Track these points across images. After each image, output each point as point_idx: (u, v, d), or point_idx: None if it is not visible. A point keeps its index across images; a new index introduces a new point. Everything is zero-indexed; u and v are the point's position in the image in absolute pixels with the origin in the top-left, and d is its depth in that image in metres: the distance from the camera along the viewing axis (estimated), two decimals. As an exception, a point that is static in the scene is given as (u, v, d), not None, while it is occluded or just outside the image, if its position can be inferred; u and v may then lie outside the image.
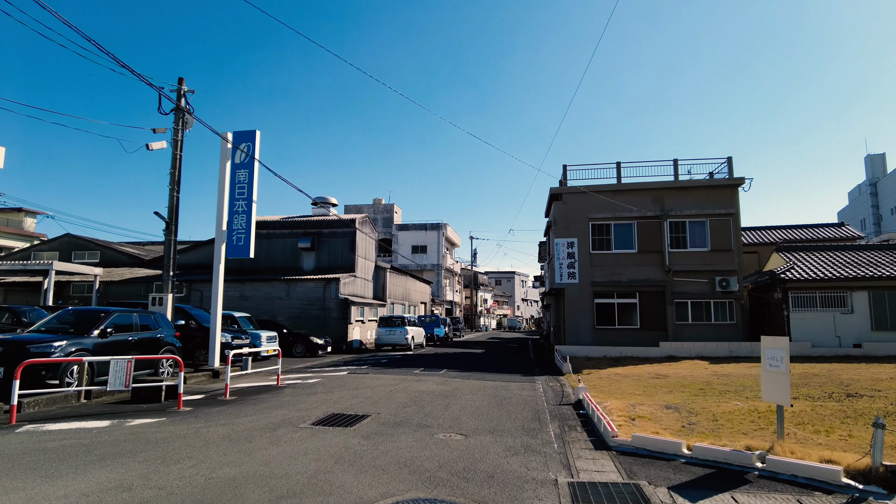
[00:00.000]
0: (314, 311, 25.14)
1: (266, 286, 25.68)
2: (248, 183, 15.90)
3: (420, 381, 13.40)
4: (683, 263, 22.29)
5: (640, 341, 21.76)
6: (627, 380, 13.89)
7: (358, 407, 9.47)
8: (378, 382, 13.12)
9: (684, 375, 14.68)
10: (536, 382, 13.80)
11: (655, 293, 22.43)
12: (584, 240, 23.04)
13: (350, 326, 24.92)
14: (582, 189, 23.34)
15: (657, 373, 15.37)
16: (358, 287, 27.62)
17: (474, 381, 13.64)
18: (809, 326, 20.54)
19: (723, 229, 22.36)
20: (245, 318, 20.39)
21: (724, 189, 22.66)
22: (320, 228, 27.82)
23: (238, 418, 8.33)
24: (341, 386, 12.39)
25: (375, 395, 11.01)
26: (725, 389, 11.79)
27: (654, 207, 22.80)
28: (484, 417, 8.68)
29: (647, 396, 10.98)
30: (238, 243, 15.89)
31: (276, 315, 25.23)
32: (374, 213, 59.10)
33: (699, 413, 8.81)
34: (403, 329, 24.71)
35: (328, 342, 22.47)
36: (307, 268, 27.55)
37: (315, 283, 25.27)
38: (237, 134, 16.12)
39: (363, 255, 28.66)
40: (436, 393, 11.39)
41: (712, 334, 21.59)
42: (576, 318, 22.69)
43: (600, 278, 22.73)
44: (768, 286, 21.90)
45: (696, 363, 18.15)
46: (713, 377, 14.15)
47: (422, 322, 31.04)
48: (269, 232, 28.30)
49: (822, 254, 22.95)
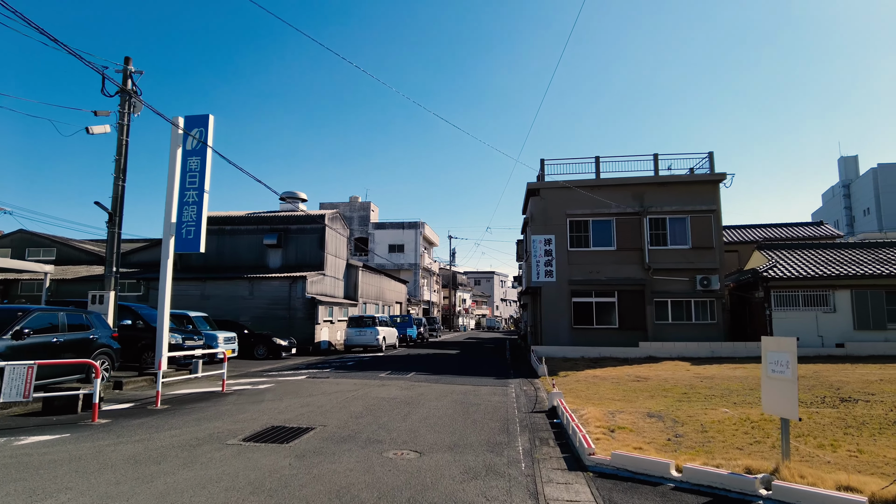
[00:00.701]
0: (279, 311, 23.87)
1: (229, 285, 24.34)
2: (200, 171, 14.65)
3: (383, 387, 12.32)
4: (664, 261, 21.56)
5: (620, 341, 20.95)
6: (606, 383, 13.00)
7: (305, 418, 8.36)
8: (336, 388, 12.01)
9: (666, 378, 13.84)
10: (509, 386, 12.82)
11: (635, 292, 21.66)
12: (562, 237, 22.18)
13: (317, 327, 23.70)
14: (560, 184, 22.48)
15: (637, 375, 14.51)
16: (327, 286, 26.41)
17: (442, 386, 12.61)
18: (792, 326, 19.93)
19: (704, 226, 21.69)
20: (201, 317, 19.09)
21: (706, 185, 22.00)
22: (288, 224, 26.54)
23: (158, 433, 7.17)
24: (294, 392, 11.25)
25: (329, 402, 9.91)
26: (710, 394, 10.94)
27: (633, 203, 22.04)
28: (446, 429, 7.65)
29: (627, 402, 10.06)
30: (188, 237, 14.62)
31: (240, 315, 23.91)
32: (349, 210, 57.79)
33: (685, 422, 7.90)
34: (374, 329, 23.58)
35: (293, 343, 21.25)
36: (273, 266, 26.26)
37: (280, 281, 24.00)
38: (189, 119, 14.86)
39: (333, 253, 27.45)
40: (397, 400, 10.33)
41: (693, 334, 20.88)
42: (553, 317, 21.82)
43: (578, 276, 21.89)
44: (750, 285, 21.28)
45: (678, 364, 17.37)
46: (696, 380, 13.32)
47: (394, 322, 29.91)
48: (233, 228, 26.94)
49: (804, 252, 22.42)
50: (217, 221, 27.14)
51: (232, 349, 18.73)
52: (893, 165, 68.59)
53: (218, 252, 26.85)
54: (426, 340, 34.73)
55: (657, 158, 22.50)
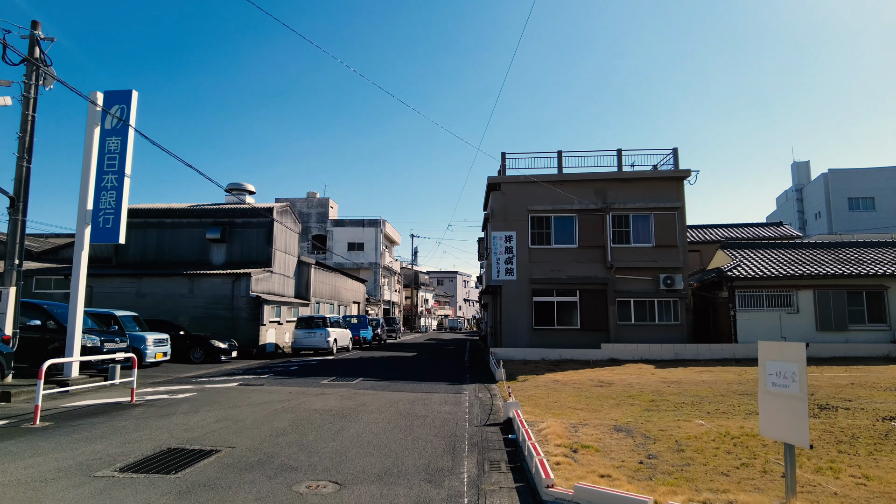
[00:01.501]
0: (221, 310, 22.15)
1: (166, 282, 22.47)
2: (121, 153, 13.02)
3: (322, 395, 11.00)
4: (627, 259, 20.83)
5: (581, 343, 20.12)
6: (568, 389, 11.99)
7: (214, 436, 7.01)
8: (268, 397, 10.62)
9: (630, 383, 12.94)
10: (464, 393, 11.68)
11: (597, 291, 20.87)
12: (523, 233, 21.23)
13: (263, 328, 22.09)
14: (521, 178, 21.52)
15: (601, 379, 13.58)
16: (275, 284, 24.78)
17: (389, 394, 11.37)
18: (755, 327, 19.47)
19: (668, 224, 21.06)
20: (130, 317, 17.32)
21: (670, 181, 21.38)
22: (233, 218, 24.79)
23: (13, 462, 5.71)
24: (216, 403, 9.83)
25: (252, 416, 8.55)
26: (680, 402, 10.03)
27: (596, 200, 21.25)
28: (380, 450, 6.44)
29: (591, 412, 9.04)
30: (105, 226, 12.97)
31: (178, 315, 22.09)
32: (307, 207, 55.85)
33: (658, 439, 6.89)
34: (324, 331, 22.10)
35: (233, 346, 19.62)
36: (217, 262, 24.48)
37: (222, 278, 22.29)
38: (109, 94, 13.21)
39: (283, 249, 25.82)
40: (333, 412, 9.04)
41: (656, 336, 20.21)
42: (513, 317, 20.83)
43: (539, 275, 20.97)
44: (714, 284, 20.77)
45: (641, 367, 16.59)
46: (663, 385, 12.46)
47: (348, 323, 28.48)
48: (174, 221, 25.02)
49: (767, 252, 22.08)
50: (157, 214, 25.21)
51: (163, 352, 17.03)
52: (843, 171, 70.70)
53: (157, 247, 24.90)
54: (383, 342, 33.36)
55: (621, 154, 21.79)
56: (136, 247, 24.90)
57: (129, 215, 25.74)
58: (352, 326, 27.87)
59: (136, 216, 25.13)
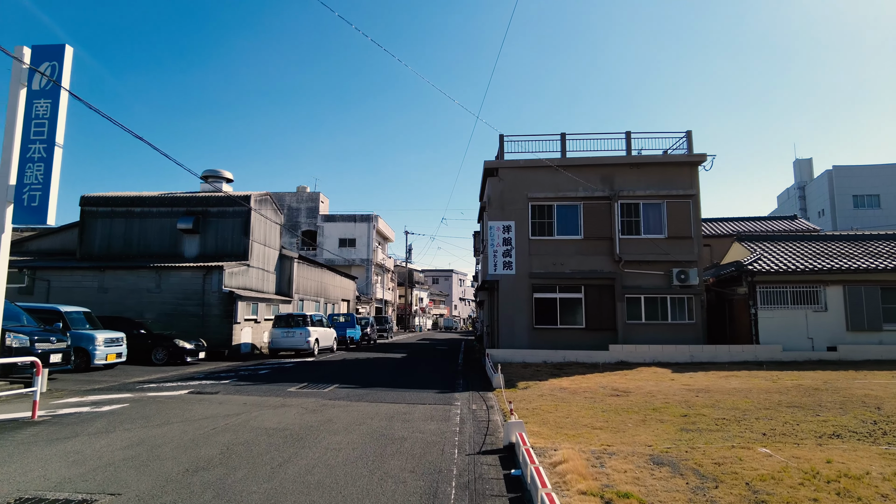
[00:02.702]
0: (191, 307, 20.15)
1: (131, 276, 20.45)
2: (51, 119, 11.01)
3: (282, 408, 9.06)
4: (636, 252, 18.94)
5: (586, 344, 18.21)
6: (578, 399, 10.09)
7: (102, 475, 5.06)
8: (214, 410, 8.67)
9: (650, 391, 11.04)
10: (455, 404, 9.75)
11: (604, 287, 18.96)
12: (523, 223, 19.30)
13: (237, 327, 20.09)
14: (521, 163, 19.60)
15: (614, 387, 11.68)
16: (252, 279, 22.79)
17: (365, 406, 9.43)
18: (779, 326, 17.61)
19: (681, 213, 19.17)
20: (80, 313, 15.33)
21: (683, 167, 19.49)
22: (207, 206, 22.77)
23: None
24: (143, 419, 7.87)
25: (178, 439, 6.60)
26: (720, 417, 8.13)
27: (603, 186, 19.34)
28: (331, 496, 4.50)
29: (614, 432, 7.14)
30: (31, 204, 10.92)
31: (145, 312, 20.10)
32: (297, 201, 53.91)
33: (718, 478, 4.98)
34: (304, 330, 20.12)
35: (200, 346, 17.64)
36: (189, 254, 22.47)
37: (193, 272, 20.27)
38: (38, 49, 11.20)
39: (262, 241, 23.81)
40: (287, 432, 7.11)
41: (669, 336, 18.32)
42: (511, 316, 18.90)
43: (540, 269, 19.05)
44: (732, 280, 18.89)
45: (656, 372, 14.71)
46: (689, 394, 10.57)
47: (335, 322, 26.61)
48: (143, 210, 22.98)
49: (789, 244, 20.22)
50: (124, 202, 23.17)
51: (117, 353, 15.05)
52: (848, 168, 69.18)
53: (125, 238, 22.86)
54: (373, 342, 31.40)
55: (630, 137, 19.88)
56: (101, 238, 22.86)
57: (94, 204, 24.08)
58: (338, 325, 25.95)
59: (101, 205, 23.11)
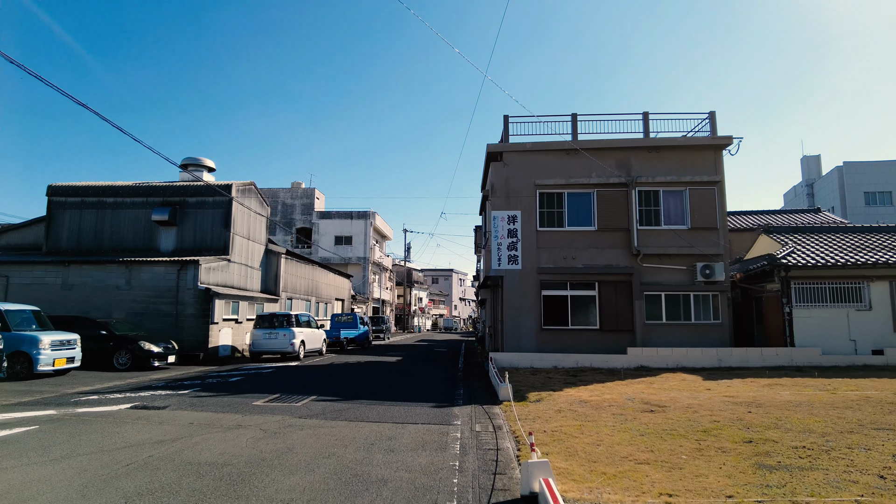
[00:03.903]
0: (165, 305, 18.28)
1: (98, 271, 18.58)
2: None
3: (236, 429, 7.20)
4: (656, 244, 17.08)
5: (601, 346, 16.38)
6: (605, 415, 8.24)
7: None
8: (147, 434, 6.82)
9: (688, 404, 9.18)
10: (454, 423, 7.89)
11: (620, 283, 17.10)
12: (530, 213, 17.45)
13: (214, 328, 18.21)
14: (527, 147, 17.75)
15: (643, 398, 9.81)
16: (234, 275, 20.90)
17: (341, 426, 7.57)
18: (817, 327, 15.76)
19: (705, 201, 17.32)
20: (28, 312, 13.49)
21: (706, 150, 17.64)
22: (185, 197, 20.89)
23: None
24: (41, 449, 5.99)
25: (65, 483, 4.73)
26: (798, 444, 6.26)
27: (618, 172, 17.48)
28: None
29: (668, 469, 5.27)
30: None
31: (113, 310, 18.25)
32: (291, 197, 52.11)
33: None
34: (289, 332, 18.24)
35: (170, 349, 15.78)
36: (166, 249, 20.60)
37: (166, 267, 18.39)
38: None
39: (244, 235, 21.93)
40: (226, 470, 5.24)
41: (693, 338, 16.47)
42: (517, 315, 17.04)
43: (549, 263, 17.20)
44: (762, 275, 17.01)
45: (685, 379, 12.84)
46: (738, 409, 8.70)
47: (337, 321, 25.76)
48: (116, 201, 21.11)
49: (823, 236, 18.35)
50: (95, 192, 21.31)
51: (68, 358, 13.18)
52: (859, 164, 67.34)
53: (96, 232, 20.99)
54: (369, 344, 29.50)
55: (647, 118, 18.01)
56: (70, 231, 21.00)
57: (62, 194, 21.99)
58: (340, 325, 24.77)
59: (70, 195, 21.25)
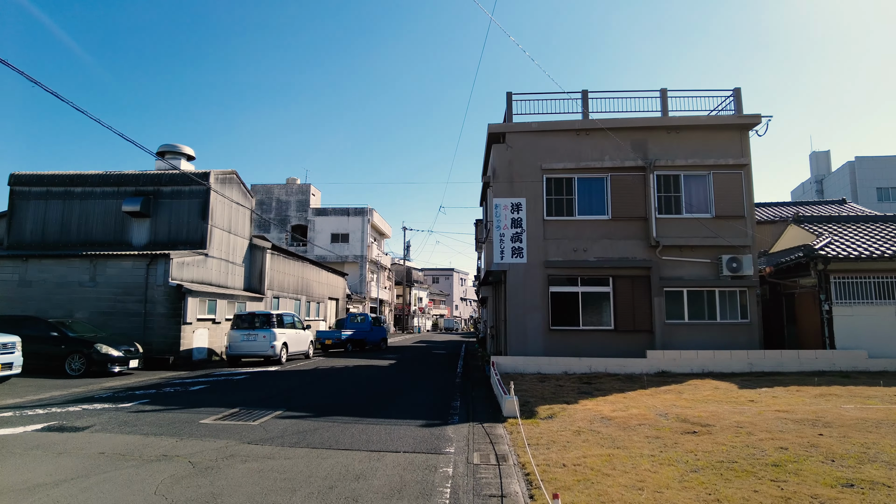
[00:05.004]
0: (133, 304, 16.56)
1: (60, 266, 16.87)
2: None
3: (155, 463, 5.46)
4: (677, 235, 15.31)
5: (617, 349, 14.62)
6: (637, 439, 6.49)
7: None
8: (18, 475, 5.07)
9: (737, 422, 7.42)
10: (446, 451, 6.14)
11: (637, 278, 15.33)
12: (536, 200, 15.69)
13: (186, 328, 16.47)
14: (533, 126, 16.00)
15: (680, 415, 8.05)
16: (212, 271, 19.16)
17: (297, 458, 5.82)
18: (861, 327, 13.98)
19: (731, 187, 15.55)
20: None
21: (731, 131, 15.86)
22: (159, 186, 19.17)
23: None
24: None
25: None
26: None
27: (634, 155, 15.72)
28: None
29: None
30: None
31: (76, 309, 16.55)
32: (286, 194, 50.41)
33: None
34: (269, 332, 16.48)
35: (133, 353, 14.05)
36: (139, 242, 18.88)
37: (134, 261, 16.66)
38: None
39: (224, 227, 20.18)
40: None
41: (718, 339, 14.69)
42: (522, 315, 15.28)
43: (558, 256, 15.44)
44: (795, 268, 15.22)
45: (718, 387, 11.07)
46: (802, 429, 6.94)
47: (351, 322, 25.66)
48: (85, 191, 19.38)
49: (862, 226, 16.57)
50: (62, 181, 19.59)
51: (4, 363, 11.44)
52: (871, 159, 65.47)
53: (62, 223, 19.27)
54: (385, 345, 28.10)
55: (665, 95, 16.24)
56: (34, 224, 19.28)
57: (26, 183, 19.85)
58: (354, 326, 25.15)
59: (35, 184, 19.53)
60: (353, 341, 24.51)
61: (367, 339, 25.76)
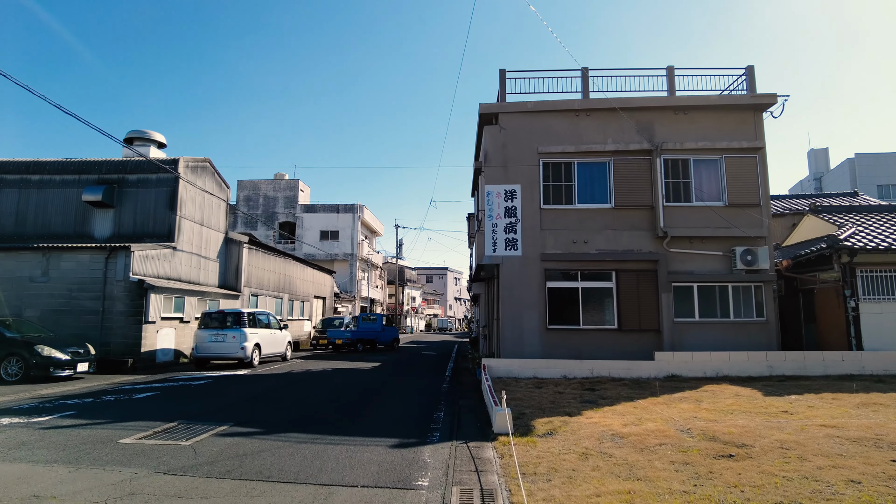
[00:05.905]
0: (89, 301, 15.07)
1: (9, 259, 15.34)
2: None
3: None
4: (686, 225, 13.95)
5: (621, 350, 13.25)
6: (661, 466, 5.08)
7: None
8: None
9: (782, 443, 6.03)
10: (417, 486, 4.72)
11: (643, 272, 13.96)
12: (532, 187, 14.29)
13: (149, 328, 14.99)
14: (529, 106, 14.60)
15: (705, 430, 6.65)
16: (181, 266, 17.66)
17: (218, 495, 4.38)
18: (887, 325, 12.65)
19: (745, 173, 14.21)
20: None
21: (744, 111, 14.52)
22: (124, 174, 17.66)
23: None
24: None
25: None
26: None
27: (639, 137, 14.35)
28: None
29: None
30: None
31: (26, 307, 15.05)
32: (273, 190, 48.84)
33: None
34: (239, 332, 15.01)
35: (82, 356, 12.57)
36: (101, 234, 17.37)
37: (91, 254, 15.16)
38: None
39: (196, 219, 18.67)
40: None
41: (732, 339, 13.35)
42: (517, 313, 13.87)
43: (556, 248, 14.04)
44: (817, 261, 13.88)
45: (739, 394, 9.70)
46: (868, 451, 5.55)
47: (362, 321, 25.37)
48: (43, 179, 17.86)
49: (886, 216, 15.27)
50: (18, 169, 18.06)
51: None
52: (872, 156, 64.48)
53: (18, 214, 17.74)
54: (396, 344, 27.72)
55: (672, 74, 14.89)
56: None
57: None
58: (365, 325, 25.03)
59: (-12, 172, 17.98)
60: (364, 341, 24.54)
61: (378, 339, 25.70)
